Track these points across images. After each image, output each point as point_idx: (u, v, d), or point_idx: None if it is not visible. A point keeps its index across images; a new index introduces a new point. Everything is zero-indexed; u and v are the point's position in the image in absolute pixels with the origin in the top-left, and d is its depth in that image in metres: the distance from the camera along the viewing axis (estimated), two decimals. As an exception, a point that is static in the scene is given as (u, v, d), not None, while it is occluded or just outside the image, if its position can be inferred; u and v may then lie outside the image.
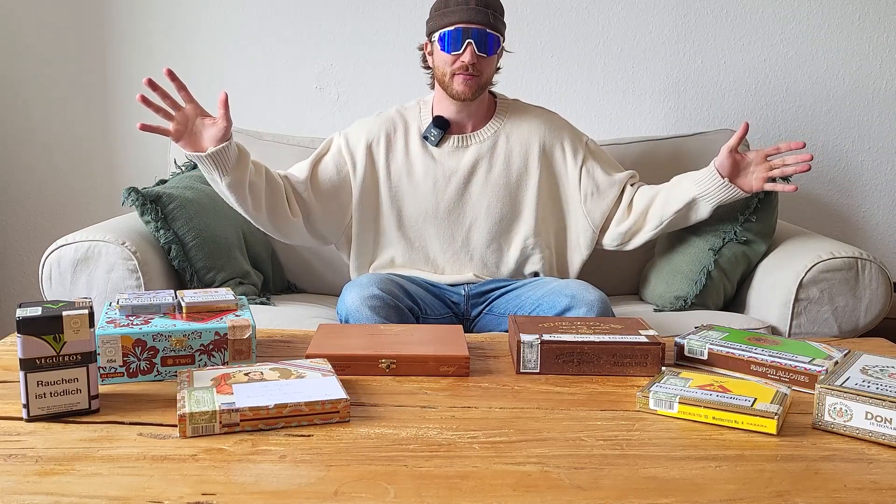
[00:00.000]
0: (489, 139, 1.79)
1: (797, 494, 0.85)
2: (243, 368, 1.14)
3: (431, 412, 1.08)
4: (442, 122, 1.77)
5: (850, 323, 1.78)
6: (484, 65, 1.69)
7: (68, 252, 1.71)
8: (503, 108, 1.83)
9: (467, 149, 1.79)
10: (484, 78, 1.71)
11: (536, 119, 1.83)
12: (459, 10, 1.65)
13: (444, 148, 1.79)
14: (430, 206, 1.79)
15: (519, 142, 1.80)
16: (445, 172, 1.78)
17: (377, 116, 1.85)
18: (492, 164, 1.79)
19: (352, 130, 1.83)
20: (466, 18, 1.65)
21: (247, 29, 2.44)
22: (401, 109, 1.85)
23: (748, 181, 1.75)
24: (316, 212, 1.78)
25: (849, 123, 2.48)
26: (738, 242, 1.89)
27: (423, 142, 1.80)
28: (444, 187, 1.78)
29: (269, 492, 0.84)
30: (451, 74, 1.70)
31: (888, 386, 1.03)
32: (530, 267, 1.82)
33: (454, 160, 1.79)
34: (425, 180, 1.78)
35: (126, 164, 2.51)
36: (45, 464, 0.90)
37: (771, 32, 2.43)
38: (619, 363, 1.24)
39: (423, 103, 1.84)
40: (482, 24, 1.65)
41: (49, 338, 1.01)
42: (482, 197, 1.79)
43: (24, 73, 2.46)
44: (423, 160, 1.79)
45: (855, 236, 2.53)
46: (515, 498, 0.83)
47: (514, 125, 1.81)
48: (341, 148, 1.81)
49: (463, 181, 1.78)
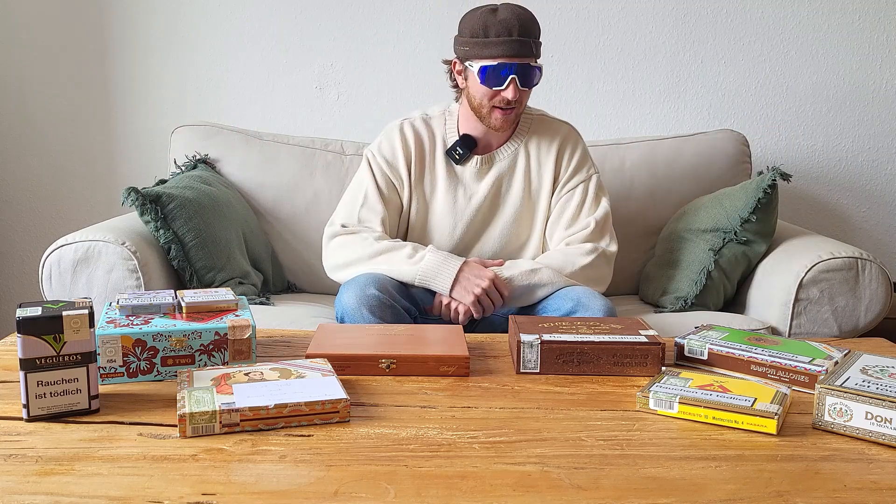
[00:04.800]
0: (510, 157, 1.77)
1: (797, 494, 0.85)
2: (243, 368, 1.14)
3: (431, 412, 1.08)
4: (469, 142, 1.74)
5: (850, 323, 1.78)
6: (524, 97, 1.67)
7: (68, 252, 1.71)
8: (526, 122, 1.80)
9: (490, 169, 1.77)
10: (522, 108, 1.69)
11: (557, 136, 1.79)
12: (503, 44, 1.59)
13: (467, 167, 1.76)
14: (448, 226, 1.77)
15: (538, 159, 1.78)
16: (467, 193, 1.76)
17: (404, 125, 1.79)
18: (511, 184, 1.77)
19: (385, 146, 1.78)
20: (510, 53, 1.59)
21: (247, 29, 2.44)
22: (426, 118, 1.81)
23: None
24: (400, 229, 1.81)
25: (849, 123, 2.48)
26: (738, 242, 1.89)
27: (447, 157, 1.76)
28: (464, 209, 1.76)
29: (269, 492, 0.84)
30: (489, 108, 1.66)
31: (888, 386, 1.03)
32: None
33: (476, 181, 1.76)
34: (446, 199, 1.76)
35: (126, 164, 2.51)
36: (45, 464, 0.90)
37: (771, 32, 2.43)
38: (619, 363, 1.24)
39: (448, 114, 1.80)
40: (526, 57, 1.61)
41: (49, 338, 1.01)
42: (499, 220, 1.78)
43: (24, 73, 2.46)
44: (446, 179, 1.76)
45: (855, 236, 2.53)
46: (515, 498, 0.83)
47: (535, 142, 1.78)
48: (384, 170, 1.76)
49: (483, 201, 1.76)
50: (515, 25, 1.59)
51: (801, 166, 2.50)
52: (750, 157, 2.24)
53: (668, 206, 2.17)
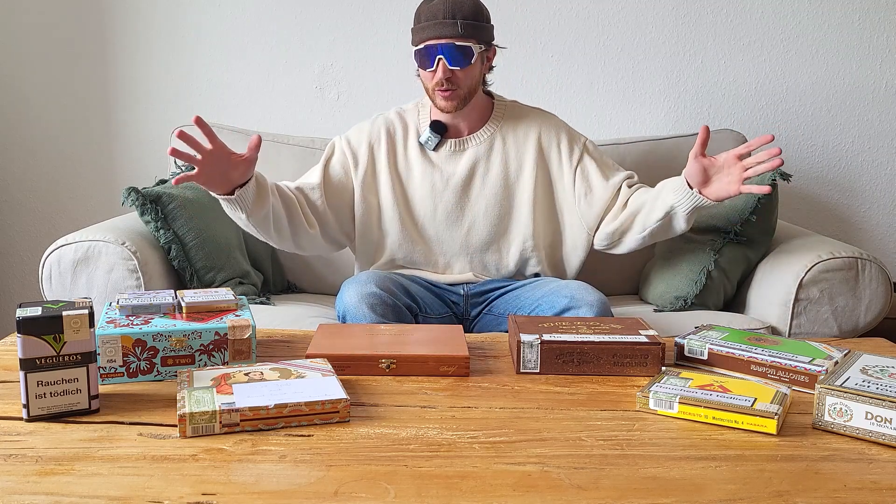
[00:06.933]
0: (486, 142, 1.79)
1: (797, 494, 0.85)
2: (243, 368, 1.14)
3: (431, 412, 1.08)
4: (439, 127, 1.77)
5: (850, 323, 1.78)
6: (461, 76, 1.68)
7: (68, 252, 1.71)
8: (500, 110, 1.83)
9: (464, 152, 1.79)
10: (464, 89, 1.70)
11: (533, 120, 1.82)
12: (429, 26, 1.65)
13: (441, 152, 1.79)
14: (428, 209, 1.78)
15: (515, 144, 1.80)
16: (443, 176, 1.78)
17: (377, 118, 1.84)
18: (489, 167, 1.79)
19: (353, 132, 1.84)
20: (436, 34, 1.64)
21: (247, 29, 2.44)
22: (400, 111, 1.85)
23: (721, 187, 1.57)
24: (330, 218, 1.77)
25: (849, 123, 2.48)
26: (738, 242, 1.89)
27: (421, 145, 1.80)
28: (442, 191, 1.78)
29: (269, 492, 0.84)
30: (432, 90, 1.71)
31: (888, 386, 1.03)
32: (530, 269, 1.82)
33: (451, 164, 1.79)
34: (423, 184, 1.78)
35: (126, 164, 2.51)
36: (45, 464, 0.90)
37: (771, 32, 2.43)
38: (619, 363, 1.24)
39: (421, 105, 1.84)
40: (451, 37, 1.64)
41: (49, 338, 1.01)
42: (479, 200, 1.79)
43: (25, 73, 2.46)
44: (422, 164, 1.79)
45: (855, 236, 2.53)
46: (515, 498, 0.83)
47: (511, 127, 1.81)
48: (344, 149, 1.81)
49: (460, 185, 1.78)
50: (442, 9, 1.64)
51: (801, 166, 2.50)
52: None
53: (668, 206, 2.17)
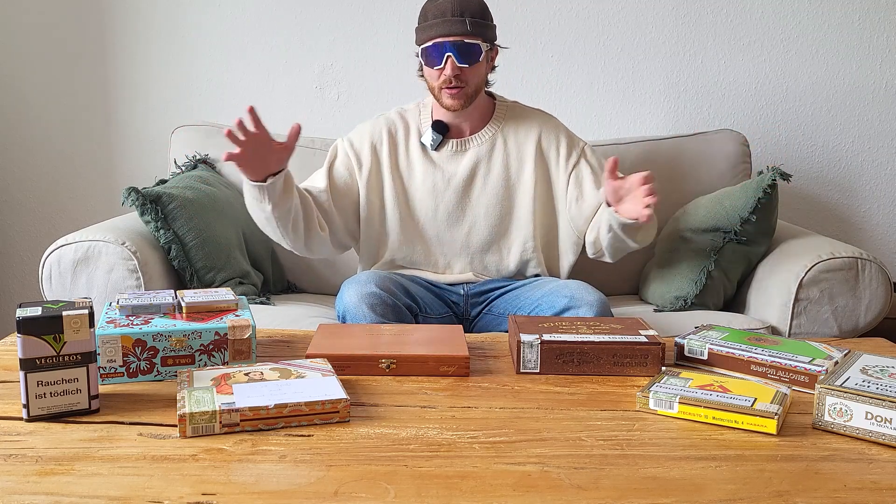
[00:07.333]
0: (487, 142, 1.79)
1: (797, 494, 0.85)
2: (243, 368, 1.14)
3: (431, 412, 1.08)
4: (441, 127, 1.78)
5: (850, 323, 1.78)
6: (469, 74, 1.69)
7: (68, 252, 1.71)
8: (502, 110, 1.83)
9: (465, 153, 1.79)
10: (472, 87, 1.70)
11: (534, 122, 1.82)
12: (437, 24, 1.65)
13: (442, 152, 1.79)
14: (429, 209, 1.78)
15: (517, 144, 1.80)
16: (445, 176, 1.78)
17: (378, 118, 1.84)
18: (490, 168, 1.79)
19: (354, 133, 1.84)
20: (444, 32, 1.64)
21: (247, 29, 2.44)
22: (401, 111, 1.85)
23: (630, 208, 1.56)
24: (337, 220, 1.77)
25: (849, 123, 2.48)
26: (738, 242, 1.89)
27: (423, 145, 1.80)
28: (444, 191, 1.78)
29: (269, 492, 0.84)
30: (438, 88, 1.70)
31: (888, 386, 1.03)
32: (531, 269, 1.82)
33: (453, 164, 1.78)
34: (424, 184, 1.78)
35: (126, 164, 2.51)
36: (45, 464, 0.90)
37: (771, 32, 2.43)
38: (619, 363, 1.24)
39: (422, 106, 1.84)
40: (460, 34, 1.64)
41: (49, 338, 1.01)
42: (480, 200, 1.79)
43: (25, 73, 2.46)
44: (423, 164, 1.79)
45: (855, 236, 2.53)
46: (515, 498, 0.83)
47: (512, 128, 1.81)
48: (347, 151, 1.81)
49: (462, 185, 1.78)
50: (450, 7, 1.65)
51: (801, 166, 2.50)
52: (750, 157, 2.24)
53: (668, 206, 2.17)
